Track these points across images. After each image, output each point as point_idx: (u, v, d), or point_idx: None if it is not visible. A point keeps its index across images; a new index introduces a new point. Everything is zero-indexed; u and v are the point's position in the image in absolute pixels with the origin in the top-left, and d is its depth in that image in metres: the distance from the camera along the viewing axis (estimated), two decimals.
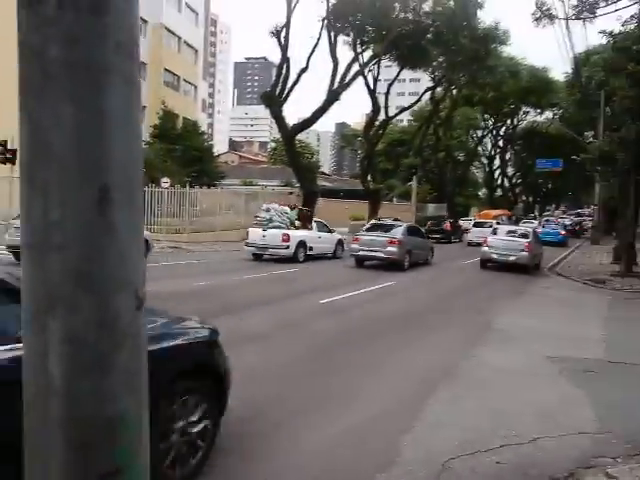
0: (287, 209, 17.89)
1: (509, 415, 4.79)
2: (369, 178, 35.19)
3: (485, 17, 35.44)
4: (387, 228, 17.65)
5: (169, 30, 38.41)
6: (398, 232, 16.85)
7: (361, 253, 16.67)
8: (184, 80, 41.23)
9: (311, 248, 17.28)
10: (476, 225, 31.09)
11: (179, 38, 40.20)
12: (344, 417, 4.60)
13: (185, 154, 29.40)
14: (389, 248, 16.15)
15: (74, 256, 0.94)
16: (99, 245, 0.95)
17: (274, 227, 16.86)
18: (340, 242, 19.04)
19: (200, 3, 46.82)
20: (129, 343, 0.99)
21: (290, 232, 16.70)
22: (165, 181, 22.25)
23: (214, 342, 3.73)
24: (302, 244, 16.87)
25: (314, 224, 18.41)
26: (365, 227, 19.09)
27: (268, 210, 17.70)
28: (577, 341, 7.97)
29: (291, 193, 29.55)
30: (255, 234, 17.03)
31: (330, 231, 19.12)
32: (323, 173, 54.74)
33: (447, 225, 32.38)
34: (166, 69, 38.20)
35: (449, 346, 7.41)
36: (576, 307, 11.56)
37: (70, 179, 0.92)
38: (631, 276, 16.01)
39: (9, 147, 21.35)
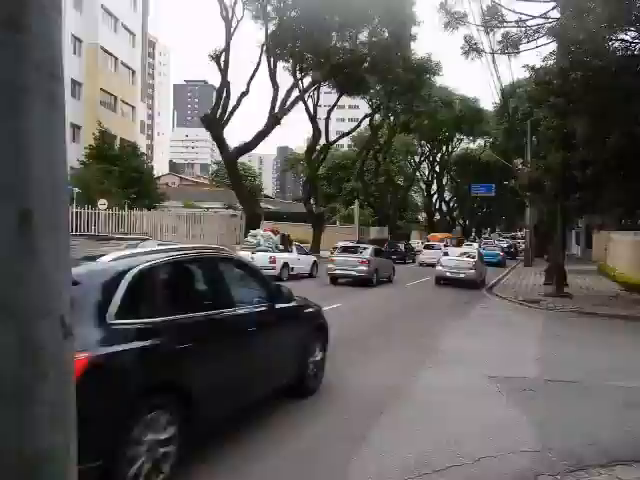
0: (272, 234, 20.22)
1: (453, 436, 4.86)
2: (312, 201, 35.50)
3: (418, 49, 37.46)
4: (357, 250, 20.12)
5: (105, 50, 37.59)
6: (367, 253, 19.21)
7: (336, 272, 18.86)
8: (121, 101, 40.31)
9: (292, 269, 19.27)
10: (427, 247, 33.50)
11: (115, 58, 39.39)
12: (290, 442, 4.56)
13: (124, 175, 28.57)
14: (360, 267, 18.44)
15: None
16: (18, 271, 0.89)
17: (261, 250, 18.83)
18: (315, 263, 21.24)
19: (137, 24, 46.22)
20: (55, 373, 0.93)
21: (276, 255, 18.76)
22: (102, 202, 21.45)
23: (322, 312, 6.49)
24: (286, 265, 18.88)
25: (294, 247, 20.47)
26: (337, 249, 21.59)
27: (255, 236, 20.13)
28: (515, 360, 8.26)
29: (234, 216, 29.28)
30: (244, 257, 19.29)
31: (307, 254, 21.70)
32: (266, 196, 54.73)
33: (403, 246, 35.29)
34: (102, 89, 37.24)
35: (395, 368, 7.51)
36: (513, 327, 12.01)
37: None
38: (562, 296, 16.80)
39: None
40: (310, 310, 6.16)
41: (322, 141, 35.95)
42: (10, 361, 0.89)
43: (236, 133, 49.21)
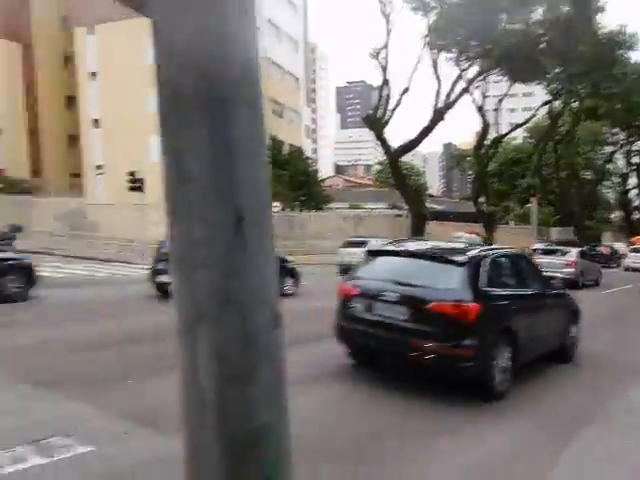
0: (475, 237, 21.90)
1: None
2: (482, 200, 33.21)
3: (606, 22, 32.10)
4: (561, 252, 20.17)
5: (271, 60, 39.64)
6: (572, 255, 19.38)
7: None
8: (288, 108, 42.23)
9: None
10: (633, 251, 30.89)
11: (281, 67, 41.37)
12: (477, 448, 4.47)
13: (293, 179, 29.79)
14: (566, 269, 18.54)
15: (216, 273, 0.98)
16: (237, 264, 0.99)
17: None
18: None
19: (299, 32, 48.03)
20: (269, 359, 1.03)
21: None
22: (276, 205, 22.57)
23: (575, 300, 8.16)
24: None
25: None
26: (537, 251, 21.54)
27: (459, 237, 21.89)
28: None
29: (399, 216, 28.66)
30: None
31: None
32: (431, 195, 53.10)
33: (606, 250, 33.16)
34: (271, 98, 39.36)
35: (598, 383, 6.78)
36: None
37: (209, 202, 0.97)
38: None
39: (137, 177, 22.92)
40: (570, 298, 8.01)
41: (492, 134, 33.49)
42: (235, 347, 0.99)
43: (399, 131, 48.56)
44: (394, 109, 26.87)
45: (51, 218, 28.31)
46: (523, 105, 78.93)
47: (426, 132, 27.45)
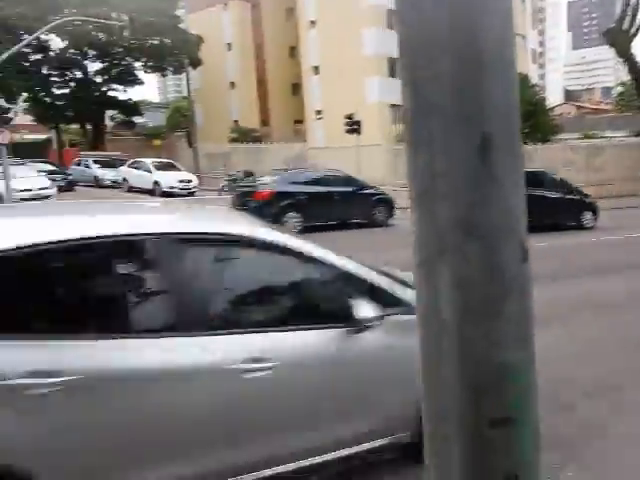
0: None
1: None
2: None
3: None
4: None
5: None
6: None
7: None
8: None
9: None
10: None
11: None
12: None
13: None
14: None
15: (460, 204, 0.96)
16: (483, 194, 0.96)
17: None
18: None
19: None
20: (516, 293, 0.98)
21: None
22: None
23: None
24: None
25: None
26: None
27: None
28: None
29: None
30: None
31: None
32: None
33: None
34: None
35: None
36: None
37: (452, 130, 0.92)
38: None
39: (354, 119, 23.92)
40: None
41: None
42: (478, 279, 0.96)
43: None
44: None
45: (277, 163, 31.36)
46: None
47: None
